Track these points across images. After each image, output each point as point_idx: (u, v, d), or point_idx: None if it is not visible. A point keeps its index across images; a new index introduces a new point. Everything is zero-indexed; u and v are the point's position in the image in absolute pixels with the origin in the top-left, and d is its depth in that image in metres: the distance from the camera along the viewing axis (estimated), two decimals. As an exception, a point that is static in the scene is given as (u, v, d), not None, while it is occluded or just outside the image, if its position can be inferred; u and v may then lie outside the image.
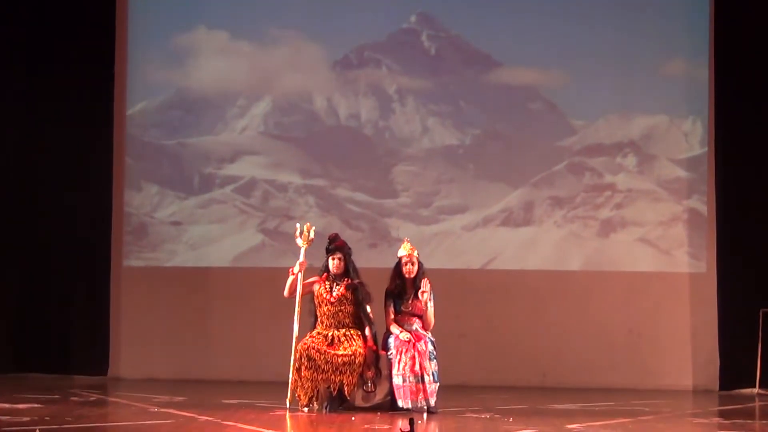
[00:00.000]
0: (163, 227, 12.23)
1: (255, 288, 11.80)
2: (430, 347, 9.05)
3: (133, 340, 11.97)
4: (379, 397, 9.06)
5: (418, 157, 12.20)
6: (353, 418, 8.51)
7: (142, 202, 12.26)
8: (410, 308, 9.18)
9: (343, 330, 9.03)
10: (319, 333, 9.04)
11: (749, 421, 9.12)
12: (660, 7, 11.98)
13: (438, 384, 8.98)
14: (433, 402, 8.91)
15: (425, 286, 9.15)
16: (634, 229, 11.95)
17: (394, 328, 9.13)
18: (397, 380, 8.94)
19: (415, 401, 8.89)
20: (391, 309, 9.19)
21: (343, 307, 9.06)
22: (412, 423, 5.56)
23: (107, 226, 12.06)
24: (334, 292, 9.07)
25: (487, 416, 8.80)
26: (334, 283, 9.11)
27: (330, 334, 9.00)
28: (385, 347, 9.10)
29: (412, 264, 9.20)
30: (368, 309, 9.11)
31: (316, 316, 9.15)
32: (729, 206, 11.58)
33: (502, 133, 12.18)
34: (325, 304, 9.08)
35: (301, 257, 9.21)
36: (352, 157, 12.24)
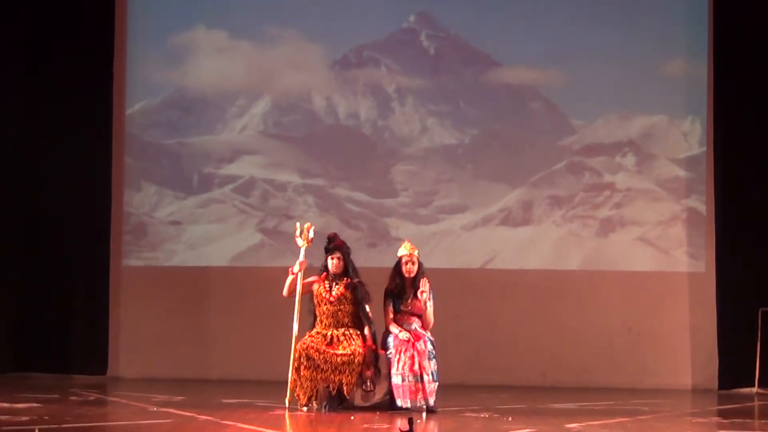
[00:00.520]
0: (162, 227, 12.23)
1: (254, 287, 11.80)
2: (430, 347, 9.04)
3: (133, 340, 11.97)
4: (379, 396, 9.06)
5: (417, 157, 12.20)
6: (352, 418, 8.51)
7: (142, 201, 12.26)
8: (409, 308, 9.18)
9: (342, 329, 9.03)
10: (318, 332, 9.03)
11: (748, 421, 9.12)
12: (659, 7, 11.99)
13: (437, 383, 8.97)
14: (432, 401, 8.91)
15: (424, 285, 9.15)
16: (633, 228, 11.95)
17: (394, 328, 9.12)
18: (396, 379, 8.94)
19: (413, 401, 8.89)
20: (391, 308, 9.18)
21: (342, 307, 9.06)
22: (411, 422, 5.56)
23: (106, 226, 12.07)
24: (334, 292, 9.07)
25: (486, 416, 8.80)
26: (334, 283, 9.11)
27: (329, 334, 8.99)
28: (385, 346, 9.09)
29: (413, 264, 9.19)
30: (367, 308, 9.10)
31: (315, 316, 9.15)
32: (728, 206, 11.58)
33: (501, 133, 12.19)
34: (325, 304, 9.07)
35: (301, 257, 9.20)
36: (351, 157, 12.25)
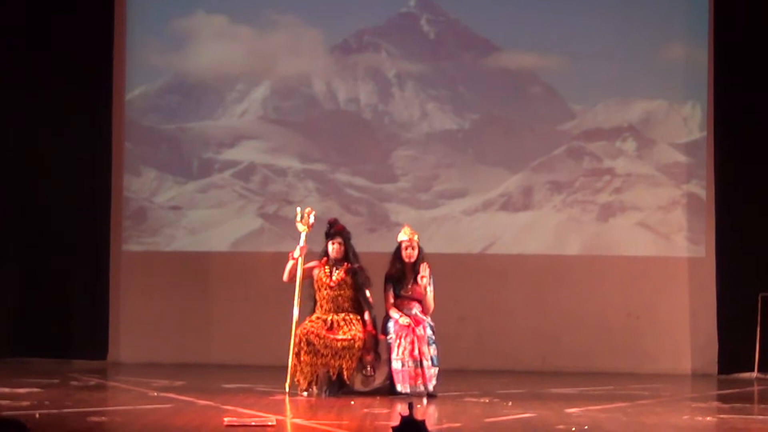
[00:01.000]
0: (162, 212, 12.22)
1: (254, 272, 11.81)
2: (429, 332, 9.06)
3: (133, 325, 11.97)
4: (379, 381, 9.08)
5: (418, 142, 12.19)
6: (352, 402, 8.52)
7: (141, 186, 12.25)
8: (410, 293, 9.19)
9: (343, 314, 9.04)
10: (318, 317, 9.04)
11: (748, 405, 9.14)
12: (659, -9, 11.98)
13: (437, 368, 8.99)
14: (431, 387, 8.92)
15: (424, 270, 9.16)
16: (633, 213, 11.95)
17: (394, 313, 9.14)
18: (396, 365, 8.96)
19: (413, 386, 8.91)
20: (391, 293, 9.20)
21: (342, 292, 9.07)
22: (411, 407, 5.59)
23: (106, 211, 12.04)
24: (334, 277, 9.08)
25: (486, 400, 8.82)
26: (334, 268, 9.12)
27: (329, 319, 9.01)
28: (385, 332, 9.11)
29: (413, 249, 9.20)
30: (368, 293, 9.11)
31: (315, 301, 9.16)
32: (728, 191, 11.58)
33: (501, 118, 12.18)
34: (325, 289, 9.09)
35: (301, 242, 9.21)
36: (351, 142, 12.24)
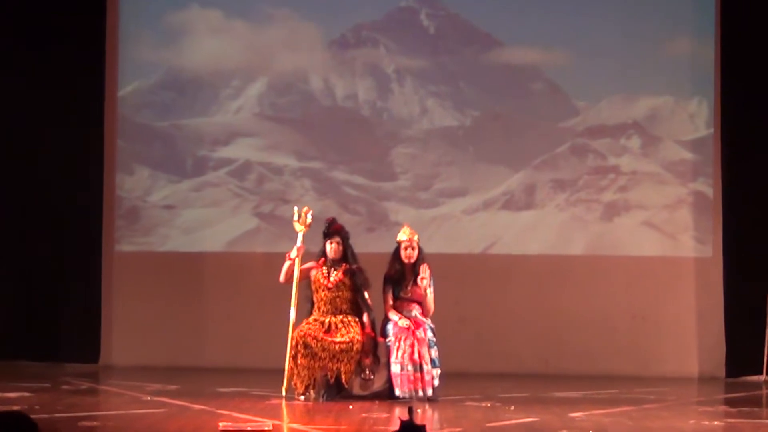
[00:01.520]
0: (155, 211, 12.20)
1: (250, 273, 11.79)
2: (430, 334, 9.03)
3: (125, 327, 11.94)
4: (378, 385, 9.05)
5: (417, 139, 12.17)
6: (351, 407, 8.51)
7: (134, 185, 12.22)
8: (409, 294, 9.17)
9: (341, 316, 9.02)
10: (315, 319, 9.02)
11: (756, 409, 9.13)
12: (665, -16, 11.96)
13: (439, 370, 8.96)
14: (430, 391, 8.89)
15: (424, 271, 9.13)
16: (639, 212, 11.93)
17: (393, 315, 9.11)
18: (395, 368, 8.93)
19: (412, 390, 8.88)
20: (390, 295, 9.17)
21: (340, 293, 9.04)
22: (411, 412, 5.54)
23: (98, 210, 12.02)
24: (332, 278, 9.05)
25: (488, 405, 8.79)
26: (332, 269, 9.09)
27: (327, 321, 8.98)
28: (384, 334, 9.09)
29: (412, 249, 9.17)
30: (366, 295, 9.09)
31: (312, 302, 9.14)
32: (735, 189, 11.55)
33: (502, 115, 12.15)
34: (323, 290, 9.06)
35: (298, 242, 9.18)
36: (349, 139, 12.22)
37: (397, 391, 8.87)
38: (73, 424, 7.45)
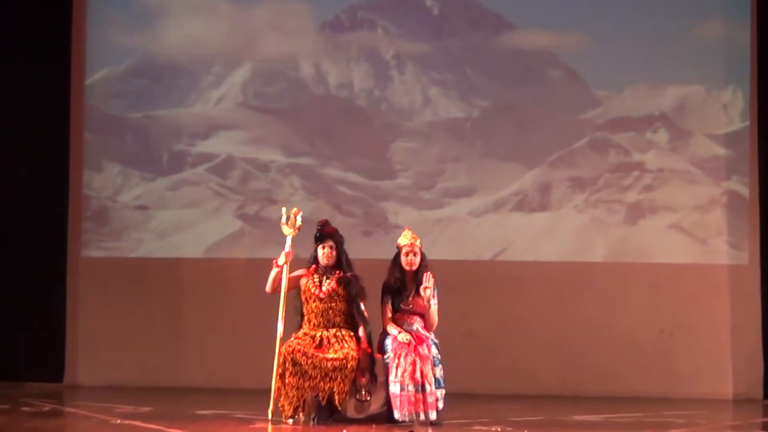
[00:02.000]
0: (127, 212, 12.20)
1: (233, 282, 11.80)
2: (434, 351, 8.98)
3: (93, 342, 11.94)
4: (375, 406, 9.02)
5: (419, 132, 12.18)
6: (345, 431, 8.48)
7: (103, 183, 12.23)
8: (411, 306, 9.13)
9: (334, 330, 8.99)
10: (305, 334, 8.99)
11: (798, 435, 9.11)
12: (695, -40, 12.00)
13: (443, 390, 8.92)
14: (434, 414, 8.85)
15: (428, 280, 9.08)
16: (666, 214, 11.94)
17: (392, 329, 9.07)
18: (395, 388, 8.89)
19: (413, 413, 8.83)
20: (389, 306, 9.14)
21: (333, 304, 9.01)
22: (413, 438, 5.48)
23: (63, 212, 12.03)
24: (324, 287, 9.03)
25: (498, 429, 8.78)
26: (324, 277, 9.07)
27: (318, 335, 8.96)
28: (382, 350, 9.05)
29: (414, 255, 9.13)
30: (362, 306, 9.06)
31: (302, 314, 9.10)
32: (774, 189, 11.57)
33: (514, 105, 12.16)
34: (314, 300, 9.03)
35: (287, 247, 9.15)
36: (344, 133, 12.23)
37: (397, 414, 8.83)
38: (34, 451, 7.42)
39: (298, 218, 9.24)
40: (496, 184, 12.09)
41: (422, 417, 8.81)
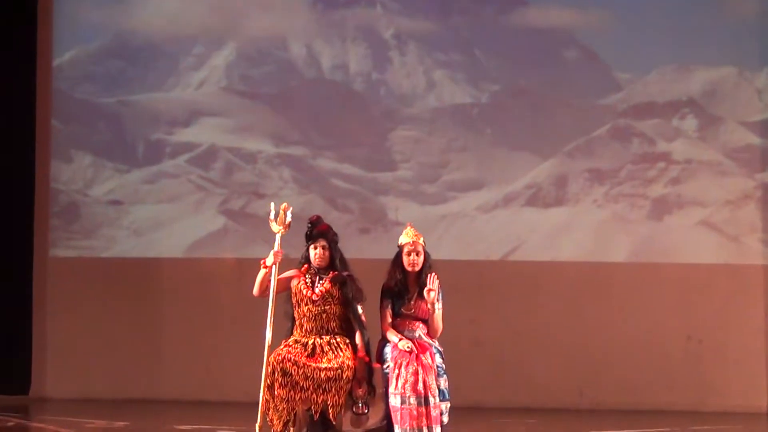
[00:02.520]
0: (99, 208, 12.24)
1: (216, 284, 11.82)
2: (438, 360, 9.00)
3: (62, 351, 11.96)
4: (373, 420, 9.04)
5: (422, 120, 12.21)
6: (340, 449, 8.51)
7: (73, 176, 12.25)
8: (413, 310, 9.14)
9: (328, 337, 9.00)
10: (297, 341, 9.00)
11: (839, 452, 9.14)
12: (726, -70, 12.03)
13: (449, 403, 8.94)
14: (438, 430, 8.87)
15: (432, 282, 9.10)
16: (695, 210, 11.97)
17: (392, 335, 9.09)
18: (395, 401, 8.91)
19: (415, 428, 8.86)
20: (389, 311, 9.14)
21: (327, 308, 9.02)
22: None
23: (28, 207, 12.05)
24: (317, 289, 9.03)
25: (510, 446, 8.81)
26: (317, 277, 9.07)
27: (311, 343, 8.97)
28: (381, 359, 9.06)
29: (417, 254, 9.14)
30: (360, 310, 9.07)
31: (293, 319, 9.12)
32: (814, 181, 11.63)
33: (527, 90, 12.19)
34: (306, 303, 9.04)
35: (276, 246, 9.16)
36: (339, 120, 12.25)
37: (397, 429, 8.85)
38: (-3, 470, 7.45)
39: (288, 214, 9.24)
40: (507, 177, 12.11)
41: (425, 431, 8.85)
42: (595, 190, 12.07)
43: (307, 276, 9.10)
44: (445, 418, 8.94)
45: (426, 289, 9.08)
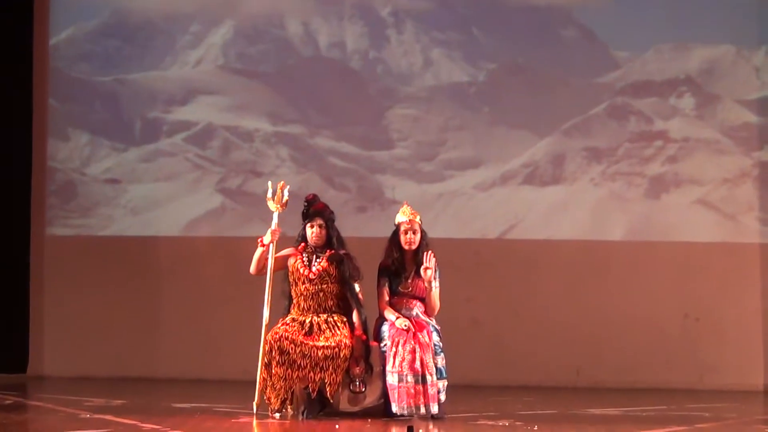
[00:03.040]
0: (96, 186, 12.23)
1: (214, 263, 11.83)
2: (435, 338, 9.02)
3: (60, 330, 11.97)
4: (370, 399, 9.05)
5: (419, 98, 12.20)
6: (337, 426, 8.51)
7: (70, 154, 12.24)
8: (410, 289, 9.16)
9: (325, 315, 9.01)
10: (294, 319, 9.02)
11: (835, 430, 9.14)
12: None
13: (446, 381, 8.96)
14: (435, 408, 8.88)
15: (429, 261, 9.12)
16: (692, 188, 11.99)
17: (389, 314, 9.10)
18: (392, 379, 8.92)
19: (413, 406, 8.88)
20: (386, 289, 9.16)
21: (324, 286, 9.03)
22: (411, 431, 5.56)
23: (26, 186, 12.04)
24: (314, 267, 9.04)
25: (506, 423, 8.80)
26: (314, 256, 9.08)
27: (308, 321, 8.98)
28: (378, 337, 9.08)
29: (414, 233, 9.16)
30: (357, 288, 9.08)
31: (290, 298, 9.13)
32: (811, 159, 11.63)
33: (525, 68, 12.18)
34: (303, 282, 9.05)
35: (273, 224, 9.17)
36: (336, 98, 12.24)
37: (395, 407, 8.87)
38: (-4, 448, 7.47)
39: (285, 192, 9.24)
40: (505, 155, 12.11)
41: (422, 410, 8.86)
42: (593, 169, 12.06)
43: (304, 255, 9.10)
44: (442, 396, 8.96)
45: (423, 268, 9.09)
